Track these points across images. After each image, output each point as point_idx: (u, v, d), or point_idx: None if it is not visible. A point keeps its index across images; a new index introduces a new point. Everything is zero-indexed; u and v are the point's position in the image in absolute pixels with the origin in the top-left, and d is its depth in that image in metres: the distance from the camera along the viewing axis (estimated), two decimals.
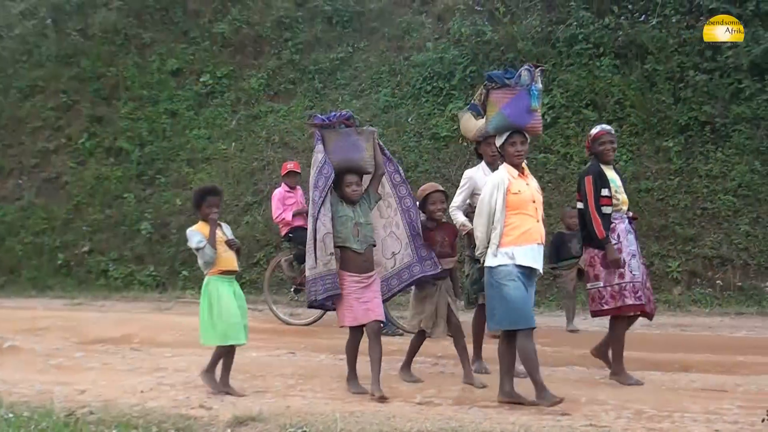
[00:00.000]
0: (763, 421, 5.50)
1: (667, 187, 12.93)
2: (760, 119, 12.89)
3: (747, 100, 13.10)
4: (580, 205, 7.47)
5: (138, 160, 17.29)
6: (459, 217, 7.78)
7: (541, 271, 6.70)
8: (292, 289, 11.87)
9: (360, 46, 17.16)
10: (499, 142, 6.83)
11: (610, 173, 7.46)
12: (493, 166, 7.59)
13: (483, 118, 7.18)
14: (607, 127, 7.70)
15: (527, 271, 6.52)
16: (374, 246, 7.24)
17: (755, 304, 11.49)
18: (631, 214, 7.62)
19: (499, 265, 6.50)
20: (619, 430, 5.94)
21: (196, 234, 7.39)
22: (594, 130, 7.64)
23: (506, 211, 6.54)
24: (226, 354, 7.38)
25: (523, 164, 6.81)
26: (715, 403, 6.64)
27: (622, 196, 7.45)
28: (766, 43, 12.94)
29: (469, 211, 7.66)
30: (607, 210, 7.32)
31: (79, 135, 18.17)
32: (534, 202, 6.63)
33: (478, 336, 8.05)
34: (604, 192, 7.31)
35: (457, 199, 7.89)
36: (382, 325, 7.26)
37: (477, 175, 7.84)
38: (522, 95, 6.70)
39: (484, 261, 6.70)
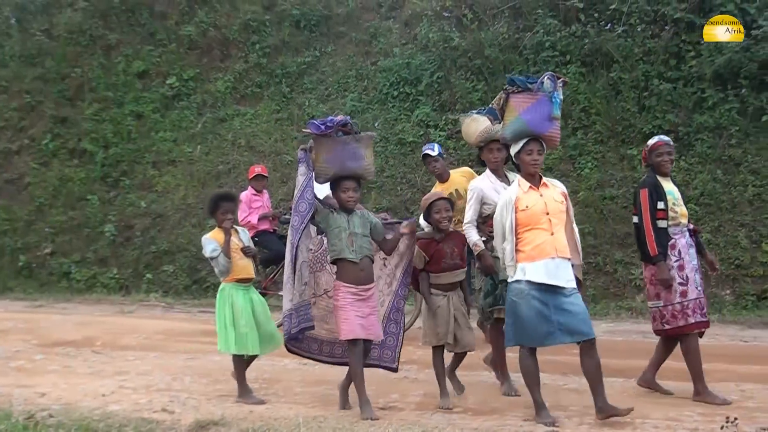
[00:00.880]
0: (722, 428, 5.55)
1: (631, 195, 13.00)
2: (722, 128, 13.03)
3: (710, 110, 13.23)
4: (635, 219, 7.26)
5: (102, 162, 17.14)
6: (472, 236, 7.24)
7: (570, 285, 6.25)
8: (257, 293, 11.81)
9: (327, 51, 17.14)
10: (514, 149, 6.57)
11: (668, 185, 7.24)
12: (497, 173, 7.40)
13: (500, 123, 6.88)
14: (665, 137, 7.50)
15: (544, 288, 6.17)
16: (372, 259, 6.83)
17: (715, 312, 11.55)
18: (692, 226, 7.37)
19: (513, 282, 6.29)
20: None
21: (211, 242, 7.28)
22: (651, 141, 7.45)
23: (517, 229, 6.30)
24: (239, 362, 7.28)
25: (540, 173, 6.53)
26: (675, 410, 6.70)
27: (681, 209, 7.19)
28: (729, 53, 13.08)
29: (480, 222, 7.34)
30: (662, 224, 7.07)
31: (43, 136, 18.00)
32: (548, 213, 6.31)
33: (499, 354, 7.47)
34: (660, 205, 7.08)
35: (468, 213, 7.36)
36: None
37: (483, 184, 7.41)
38: (543, 101, 6.49)
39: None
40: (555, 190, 6.51)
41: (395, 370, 7.19)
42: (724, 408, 6.61)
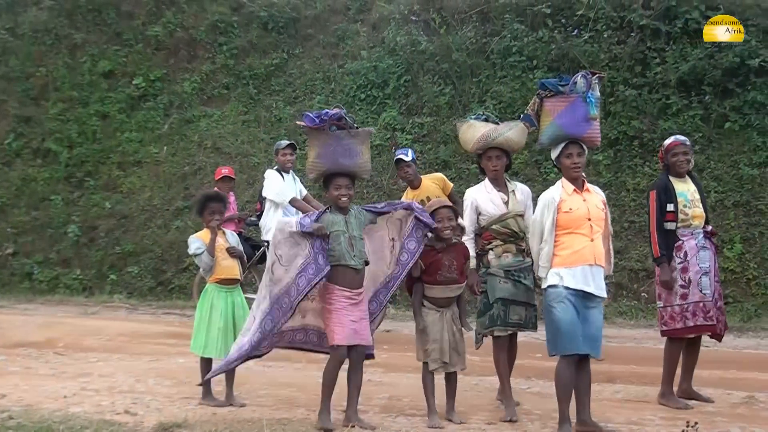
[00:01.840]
0: (682, 431, 5.60)
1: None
2: (686, 135, 13.07)
3: (674, 116, 13.38)
4: None
5: (66, 162, 17.00)
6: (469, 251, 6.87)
7: (602, 294, 6.16)
8: None
9: (295, 53, 17.11)
10: (554, 154, 6.43)
11: (683, 186, 7.20)
12: (496, 182, 6.96)
13: (537, 128, 6.63)
14: (682, 137, 7.40)
15: (581, 294, 6.05)
16: (367, 262, 6.46)
17: None
18: (709, 228, 7.32)
19: (549, 286, 6.14)
20: None
21: (196, 241, 7.22)
22: (668, 141, 7.37)
23: (557, 231, 6.16)
24: (205, 365, 7.18)
25: (583, 177, 6.41)
26: (637, 413, 6.77)
27: (693, 211, 7.14)
28: (693, 60, 13.25)
29: (478, 232, 6.94)
30: (670, 226, 7.07)
31: (6, 135, 17.80)
32: (590, 219, 6.17)
33: (501, 370, 6.89)
34: (669, 207, 7.06)
35: (465, 224, 6.91)
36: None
37: (479, 193, 6.97)
38: (578, 103, 6.31)
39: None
40: (597, 196, 6.41)
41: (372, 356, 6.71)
42: (685, 412, 6.67)
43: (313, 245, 6.27)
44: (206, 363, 7.18)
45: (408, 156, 9.26)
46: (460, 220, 6.79)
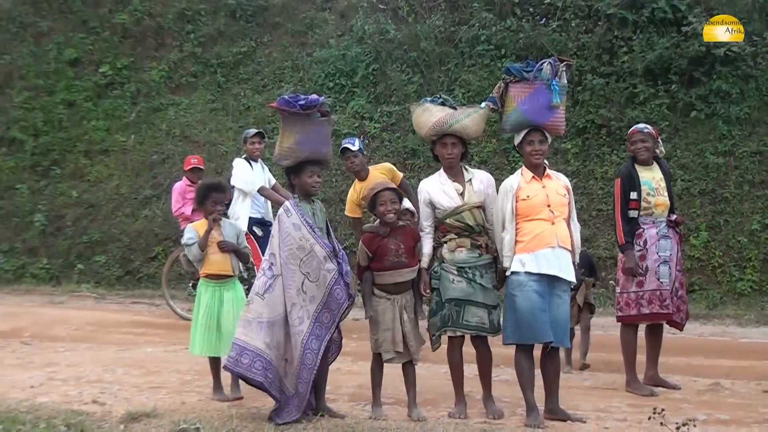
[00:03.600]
0: (649, 418, 5.65)
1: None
2: (653, 123, 13.20)
3: (641, 105, 13.47)
4: None
5: (32, 151, 16.82)
6: (424, 249, 6.48)
7: (568, 278, 6.19)
8: (190, 284, 11.65)
9: (263, 41, 17.05)
10: (516, 140, 6.46)
11: (647, 174, 7.28)
12: (451, 171, 6.58)
13: (501, 111, 6.55)
14: (641, 125, 7.52)
15: (545, 280, 6.09)
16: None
17: None
18: (674, 217, 7.36)
19: (512, 274, 6.15)
20: (512, 427, 6.06)
21: (191, 231, 7.00)
22: (630, 130, 7.54)
23: (517, 219, 6.18)
24: (214, 364, 6.97)
25: (545, 164, 6.44)
26: (605, 401, 6.84)
27: (656, 199, 7.19)
28: (660, 49, 13.33)
29: (436, 225, 6.54)
30: (633, 214, 7.18)
31: None
32: (549, 206, 6.19)
33: (455, 374, 6.57)
34: (633, 195, 7.16)
35: (421, 221, 6.60)
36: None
37: (430, 185, 6.58)
38: (541, 90, 6.33)
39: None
40: (558, 182, 6.43)
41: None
42: (652, 399, 6.75)
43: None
44: (214, 361, 6.97)
45: (355, 145, 8.91)
46: (408, 204, 6.73)
